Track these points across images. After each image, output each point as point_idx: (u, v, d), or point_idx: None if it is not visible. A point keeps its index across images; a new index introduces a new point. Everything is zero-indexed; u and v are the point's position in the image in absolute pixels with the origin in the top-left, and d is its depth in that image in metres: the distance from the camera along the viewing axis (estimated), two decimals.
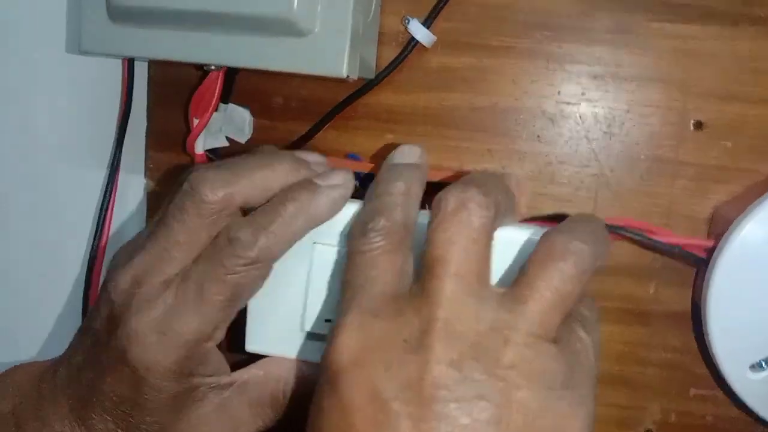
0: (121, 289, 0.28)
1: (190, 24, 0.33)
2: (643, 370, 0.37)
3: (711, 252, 0.31)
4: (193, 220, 0.27)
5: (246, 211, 0.29)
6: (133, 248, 0.29)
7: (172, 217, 0.28)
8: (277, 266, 0.29)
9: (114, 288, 0.28)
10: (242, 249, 0.27)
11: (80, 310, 0.41)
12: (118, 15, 0.34)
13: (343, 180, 0.30)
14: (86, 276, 0.40)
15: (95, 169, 0.43)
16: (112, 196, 0.41)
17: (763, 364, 0.31)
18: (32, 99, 0.39)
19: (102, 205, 0.40)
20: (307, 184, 0.29)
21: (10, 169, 0.40)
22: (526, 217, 0.35)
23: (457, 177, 0.28)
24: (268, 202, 0.29)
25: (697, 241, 0.33)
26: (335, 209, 0.29)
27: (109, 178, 0.41)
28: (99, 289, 0.30)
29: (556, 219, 0.34)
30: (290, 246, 0.29)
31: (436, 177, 0.34)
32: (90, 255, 0.40)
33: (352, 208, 0.30)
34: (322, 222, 0.29)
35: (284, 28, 0.32)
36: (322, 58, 0.32)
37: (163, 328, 0.27)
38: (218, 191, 0.27)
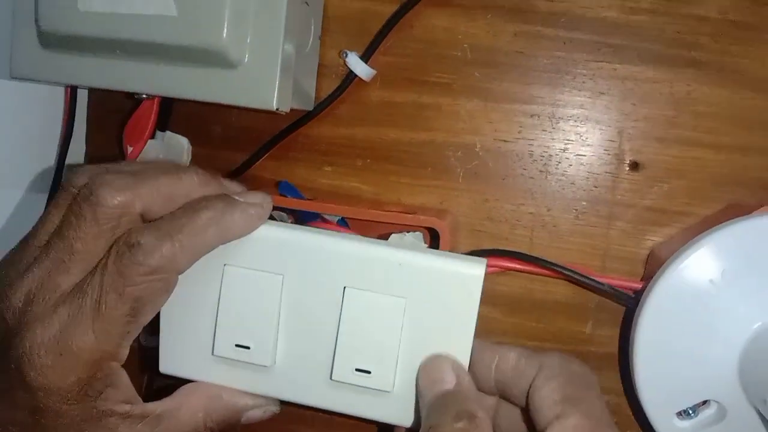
0: (13, 307, 0.26)
1: (121, 52, 0.33)
2: None
3: (640, 294, 0.31)
4: (90, 226, 0.25)
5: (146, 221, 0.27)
6: (25, 261, 0.26)
7: (67, 224, 0.26)
8: (188, 286, 0.28)
9: (6, 308, 0.26)
10: (143, 255, 0.25)
11: None
12: (48, 41, 0.34)
13: (261, 200, 0.28)
14: None
15: (35, 192, 0.42)
16: None
17: (690, 411, 0.30)
18: None
19: None
20: (224, 196, 0.28)
21: None
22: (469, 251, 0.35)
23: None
24: (176, 210, 0.27)
25: (626, 283, 0.32)
26: (250, 227, 0.28)
27: (49, 200, 0.40)
28: None
29: (494, 254, 0.34)
30: (197, 258, 0.27)
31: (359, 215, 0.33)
32: None
33: (268, 232, 0.29)
34: (234, 238, 0.28)
35: (214, 58, 0.31)
36: (252, 90, 0.32)
37: (60, 348, 0.25)
38: (118, 195, 0.25)
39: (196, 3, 0.31)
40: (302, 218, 0.35)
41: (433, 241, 0.34)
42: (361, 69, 0.35)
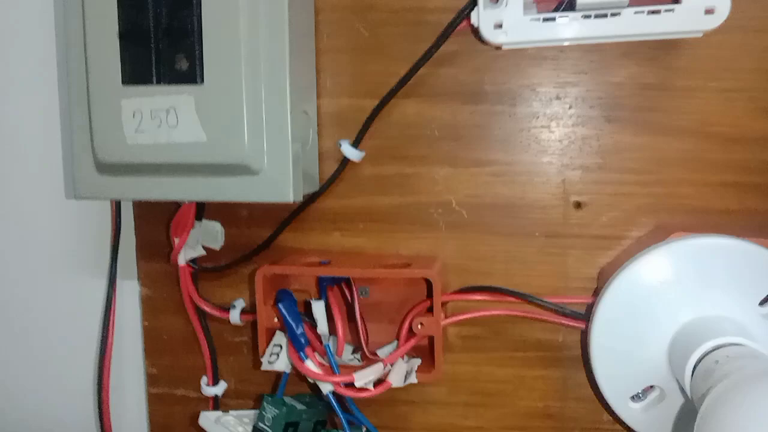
0: None
1: (164, 172, 0.41)
2: (563, 404, 0.45)
3: (591, 308, 0.40)
4: None
5: None
6: None
7: None
8: None
9: None
10: None
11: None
12: (103, 168, 0.42)
13: None
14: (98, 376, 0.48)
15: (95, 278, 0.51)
16: (113, 302, 0.49)
17: (640, 395, 0.39)
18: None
19: (105, 310, 0.49)
20: None
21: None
22: (457, 289, 0.44)
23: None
24: None
25: (578, 299, 0.41)
26: None
27: (108, 286, 0.49)
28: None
29: (485, 291, 0.42)
30: None
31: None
32: (99, 357, 0.48)
33: None
34: None
35: (239, 170, 0.40)
36: (273, 190, 0.40)
37: None
38: None
39: (221, 129, 0.40)
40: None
41: (428, 287, 0.42)
42: (352, 153, 0.44)
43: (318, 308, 0.42)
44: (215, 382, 0.48)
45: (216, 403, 0.49)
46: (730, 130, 0.41)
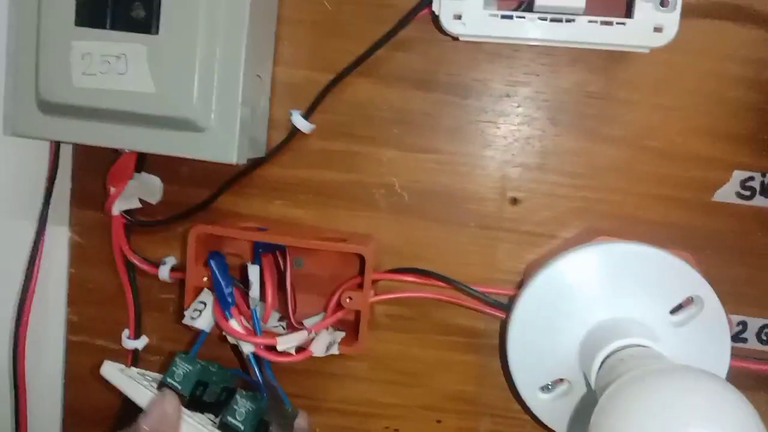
0: None
1: (108, 118, 0.41)
2: (479, 390, 0.47)
3: (512, 300, 0.41)
4: None
5: None
6: None
7: None
8: None
9: None
10: None
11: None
12: (46, 108, 0.41)
13: None
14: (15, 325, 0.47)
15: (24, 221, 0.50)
16: (40, 247, 0.48)
17: (549, 386, 0.41)
18: None
19: (31, 255, 0.47)
20: None
21: None
22: (389, 269, 0.45)
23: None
24: None
25: (503, 291, 0.43)
26: None
27: (38, 230, 0.48)
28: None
29: (416, 273, 0.43)
30: None
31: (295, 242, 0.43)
32: (19, 301, 0.47)
33: None
34: None
35: (185, 125, 0.40)
36: (217, 149, 0.40)
37: None
38: None
39: (171, 82, 0.39)
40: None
41: (360, 263, 0.43)
42: (302, 124, 0.44)
43: (253, 272, 0.42)
44: (137, 336, 0.48)
45: (135, 358, 0.48)
46: (663, 145, 0.43)
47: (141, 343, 0.48)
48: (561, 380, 0.41)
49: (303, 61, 0.45)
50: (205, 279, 0.43)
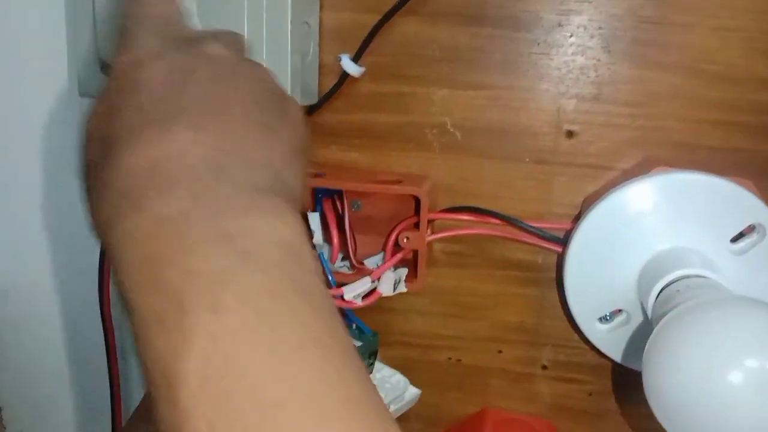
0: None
1: None
2: (538, 321, 0.48)
3: (569, 233, 0.42)
4: None
5: None
6: None
7: None
8: None
9: None
10: None
11: None
12: (106, 68, 0.43)
13: None
14: None
15: None
16: None
17: (608, 317, 0.42)
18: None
19: None
20: None
21: None
22: (445, 208, 0.46)
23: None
24: None
25: (559, 225, 0.43)
26: None
27: None
28: None
29: (471, 211, 0.44)
30: None
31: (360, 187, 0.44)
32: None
33: None
34: None
35: None
36: None
37: None
38: None
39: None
40: None
41: (416, 204, 0.44)
42: (352, 69, 0.45)
43: (314, 220, 0.44)
44: None
45: None
46: (722, 68, 0.41)
47: None
48: (619, 311, 0.41)
49: (348, 3, 0.45)
50: None
